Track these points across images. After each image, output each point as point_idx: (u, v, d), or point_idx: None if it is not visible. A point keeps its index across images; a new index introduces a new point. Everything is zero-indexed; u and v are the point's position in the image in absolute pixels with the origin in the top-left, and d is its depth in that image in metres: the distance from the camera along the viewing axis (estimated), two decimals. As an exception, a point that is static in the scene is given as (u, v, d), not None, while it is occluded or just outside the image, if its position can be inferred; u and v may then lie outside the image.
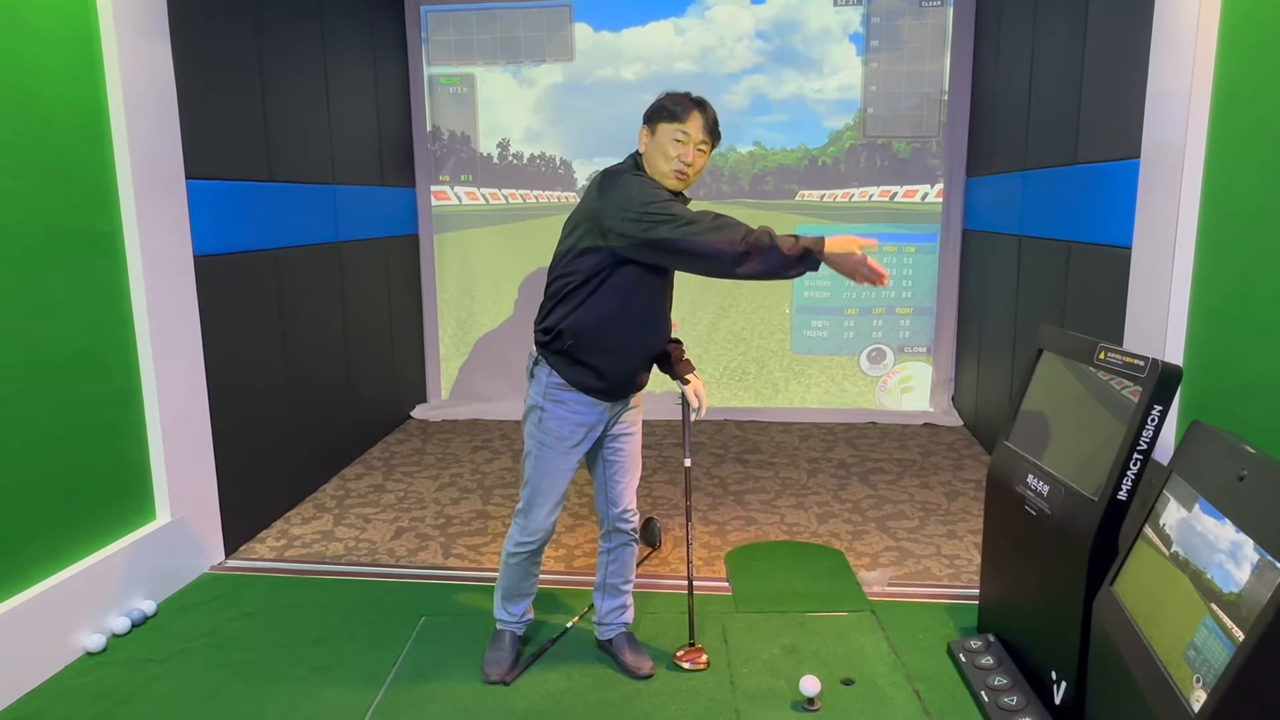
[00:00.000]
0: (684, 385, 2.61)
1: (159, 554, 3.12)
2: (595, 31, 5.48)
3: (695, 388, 2.60)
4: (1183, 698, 1.65)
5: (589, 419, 2.47)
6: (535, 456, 2.50)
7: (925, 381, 5.69)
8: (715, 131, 2.42)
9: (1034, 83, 4.18)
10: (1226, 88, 2.50)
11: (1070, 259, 3.61)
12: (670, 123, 2.36)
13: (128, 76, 2.94)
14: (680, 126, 2.35)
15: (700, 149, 2.38)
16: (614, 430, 2.56)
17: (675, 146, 2.35)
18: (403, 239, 5.51)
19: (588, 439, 2.50)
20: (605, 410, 2.49)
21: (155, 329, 3.08)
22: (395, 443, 5.14)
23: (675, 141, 2.35)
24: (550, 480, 2.50)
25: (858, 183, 5.55)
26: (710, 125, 2.40)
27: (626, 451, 2.58)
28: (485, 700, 2.51)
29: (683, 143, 2.35)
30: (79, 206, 2.81)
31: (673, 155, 2.35)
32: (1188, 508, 1.90)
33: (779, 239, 2.18)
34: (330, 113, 4.46)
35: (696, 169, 2.39)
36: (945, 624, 2.93)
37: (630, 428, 2.58)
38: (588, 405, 2.46)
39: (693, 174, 2.40)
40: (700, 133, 2.37)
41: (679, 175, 2.37)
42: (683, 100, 2.39)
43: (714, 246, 2.16)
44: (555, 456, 2.48)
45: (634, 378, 2.48)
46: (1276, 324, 2.22)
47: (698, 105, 2.39)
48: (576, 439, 2.48)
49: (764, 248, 2.15)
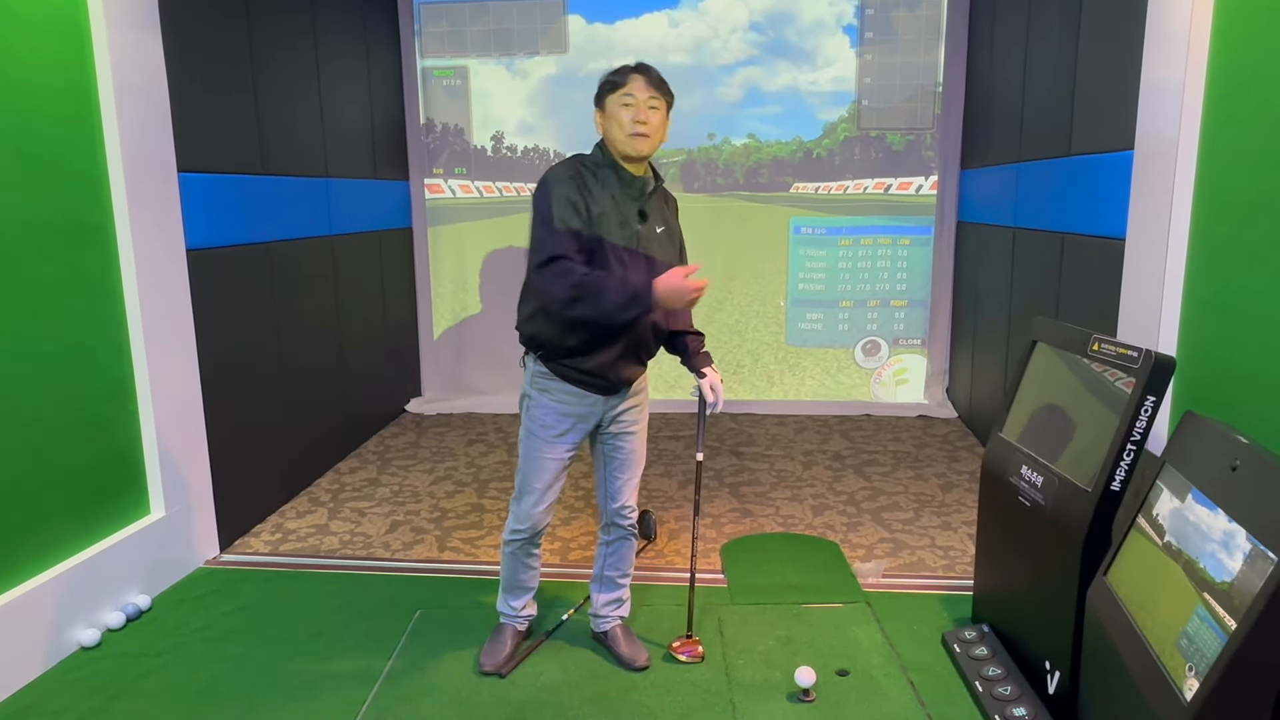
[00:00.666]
0: (700, 379, 2.59)
1: (153, 548, 3.11)
2: (589, 23, 5.47)
3: (711, 382, 2.57)
4: (1175, 687, 1.66)
5: (577, 410, 2.47)
6: (524, 444, 2.52)
7: (920, 374, 5.70)
8: (663, 87, 2.36)
9: (1028, 75, 4.18)
10: (1220, 80, 2.51)
11: (1064, 251, 3.61)
12: (614, 93, 2.34)
13: (118, 69, 2.92)
14: (624, 91, 2.32)
15: (652, 105, 2.32)
16: (613, 428, 2.54)
17: (625, 111, 2.31)
18: (396, 232, 5.49)
19: (576, 430, 2.49)
20: (598, 403, 2.48)
21: (148, 323, 3.07)
22: (390, 436, 5.14)
23: (624, 107, 2.31)
24: (536, 468, 2.51)
25: (852, 175, 5.55)
26: (655, 81, 2.34)
27: (627, 450, 2.57)
28: (481, 693, 2.51)
29: (630, 104, 2.31)
30: (69, 200, 2.80)
31: (625, 120, 2.31)
32: (1181, 498, 1.91)
33: (609, 286, 2.22)
34: (323, 105, 4.44)
35: (654, 126, 2.33)
36: (940, 615, 2.94)
37: (631, 426, 2.56)
38: (575, 396, 2.45)
39: (652, 132, 2.33)
40: (645, 90, 2.31)
41: (637, 136, 2.31)
42: (621, 70, 2.36)
43: (548, 289, 2.26)
44: (540, 445, 2.49)
45: (616, 371, 2.43)
46: (1269, 315, 2.23)
47: (636, 69, 2.35)
48: (563, 429, 2.47)
49: (592, 293, 2.21)
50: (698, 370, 2.59)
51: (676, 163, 5.64)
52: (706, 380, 2.57)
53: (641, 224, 2.39)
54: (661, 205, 2.50)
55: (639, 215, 2.39)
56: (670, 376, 5.43)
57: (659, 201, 2.49)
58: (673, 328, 2.57)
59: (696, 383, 2.60)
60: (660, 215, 2.47)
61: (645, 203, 2.41)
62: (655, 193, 2.45)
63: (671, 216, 2.55)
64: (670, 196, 2.61)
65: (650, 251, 2.40)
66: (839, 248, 5.61)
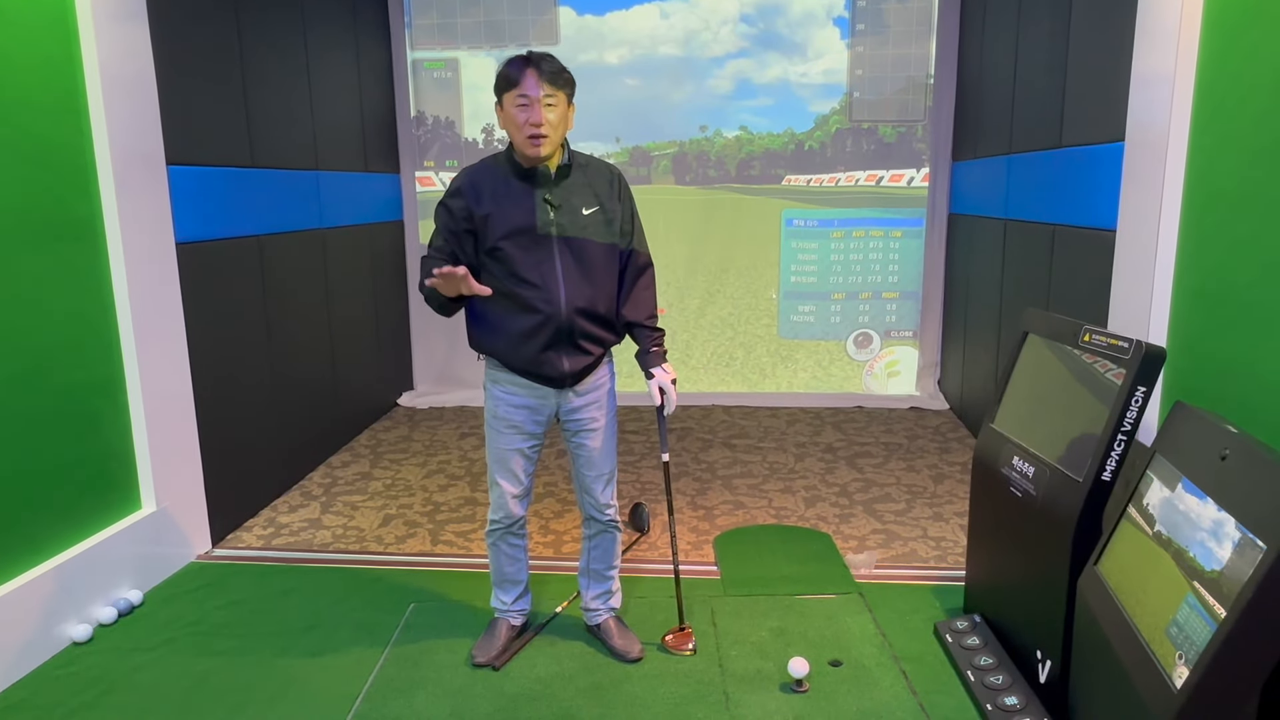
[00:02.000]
0: (648, 380, 2.54)
1: (145, 543, 3.10)
2: (579, 15, 5.45)
3: (660, 382, 2.52)
4: (1165, 675, 1.67)
5: (527, 401, 2.47)
6: (486, 434, 2.55)
7: (911, 365, 5.72)
8: (559, 79, 2.28)
9: (1019, 66, 4.19)
10: (1210, 71, 2.51)
11: (1055, 242, 3.62)
12: (509, 90, 2.28)
13: (105, 61, 2.89)
14: (518, 91, 2.26)
15: (549, 103, 2.26)
16: (572, 425, 2.52)
17: (521, 113, 2.26)
18: (387, 225, 5.47)
19: (530, 421, 2.49)
20: (549, 394, 2.47)
21: (137, 316, 3.05)
22: (382, 430, 5.13)
23: (519, 108, 2.26)
24: (497, 458, 2.52)
25: (844, 167, 5.55)
26: (549, 75, 2.26)
27: (590, 447, 2.54)
28: (475, 685, 2.51)
29: (526, 105, 2.25)
30: (57, 192, 2.78)
31: (521, 122, 2.27)
32: (1171, 487, 1.92)
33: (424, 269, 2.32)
34: (312, 97, 4.41)
35: (553, 124, 2.27)
36: (931, 605, 2.95)
37: (591, 424, 2.52)
38: (524, 386, 2.45)
39: (550, 131, 2.27)
40: (539, 88, 2.24)
41: (533, 140, 2.27)
42: (515, 62, 2.29)
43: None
44: (496, 435, 2.51)
45: (551, 364, 2.40)
46: (1258, 305, 2.24)
47: (528, 62, 2.27)
48: (515, 420, 2.48)
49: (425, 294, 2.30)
50: (647, 370, 2.54)
51: (669, 155, 5.63)
52: (654, 381, 2.53)
53: (554, 213, 2.35)
54: (586, 186, 2.42)
55: (548, 206, 2.35)
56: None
57: (580, 184, 2.41)
58: (627, 317, 2.50)
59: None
60: (585, 198, 2.40)
61: (552, 190, 2.36)
62: (567, 178, 2.39)
63: (608, 194, 2.44)
64: (608, 171, 2.49)
65: (583, 235, 2.37)
66: (831, 240, 5.61)
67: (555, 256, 2.36)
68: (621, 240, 2.46)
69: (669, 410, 2.56)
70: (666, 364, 2.55)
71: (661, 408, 2.57)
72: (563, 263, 2.36)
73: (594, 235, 2.40)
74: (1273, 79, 2.20)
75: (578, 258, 2.38)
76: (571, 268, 2.37)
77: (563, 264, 2.36)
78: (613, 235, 2.44)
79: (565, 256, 2.36)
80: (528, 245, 2.34)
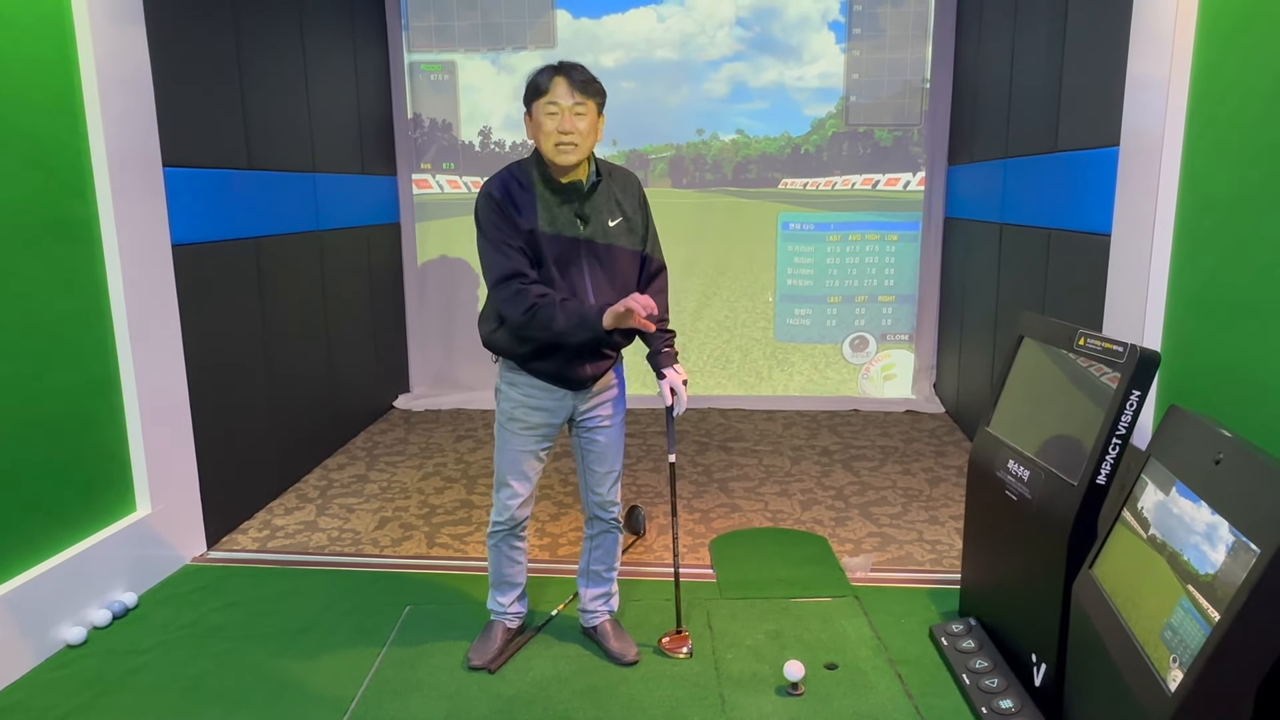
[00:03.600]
0: (660, 380, 2.55)
1: (140, 545, 3.09)
2: (575, 18, 5.45)
3: (672, 383, 2.53)
4: (1160, 678, 1.68)
5: (545, 403, 2.47)
6: (497, 436, 2.54)
7: (907, 369, 5.73)
8: (589, 88, 2.28)
9: (1015, 71, 4.20)
10: (1204, 75, 2.52)
11: (1050, 246, 3.63)
12: (539, 99, 2.28)
13: (102, 62, 2.89)
14: (548, 99, 2.26)
15: (578, 112, 2.27)
16: (587, 421, 2.54)
17: (550, 120, 2.26)
18: (384, 227, 5.46)
19: (546, 423, 2.49)
20: (567, 397, 2.47)
21: (133, 318, 3.05)
22: (378, 432, 5.12)
23: (549, 116, 2.26)
24: (508, 460, 2.52)
25: (840, 171, 5.56)
26: (580, 84, 2.27)
27: (602, 443, 2.56)
28: (471, 688, 2.51)
29: (555, 114, 2.26)
30: (54, 194, 2.77)
31: (551, 130, 2.27)
32: (1165, 491, 1.92)
33: (562, 313, 2.26)
34: (310, 99, 4.41)
35: (582, 133, 2.27)
36: (927, 608, 2.95)
37: (605, 420, 2.55)
38: (542, 390, 2.45)
39: (580, 139, 2.28)
40: (569, 96, 2.25)
41: (562, 148, 2.28)
42: (545, 71, 2.29)
43: (504, 310, 2.32)
44: (510, 437, 2.50)
45: (575, 370, 2.41)
46: (1252, 309, 2.25)
47: (560, 70, 2.28)
48: (532, 421, 2.48)
49: (545, 319, 2.26)
50: (658, 370, 2.55)
51: (665, 158, 5.64)
52: (666, 381, 2.54)
53: (585, 227, 2.37)
54: (610, 197, 2.43)
55: (578, 220, 2.36)
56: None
57: (606, 196, 2.42)
58: None
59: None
60: (610, 209, 2.41)
61: (583, 205, 2.37)
62: (596, 191, 2.40)
63: (631, 203, 2.47)
64: (629, 179, 2.51)
65: (611, 246, 2.39)
66: (827, 243, 5.62)
67: (584, 268, 2.38)
68: (643, 247, 2.49)
69: (679, 411, 2.57)
70: (678, 365, 2.57)
71: (671, 408, 2.58)
72: (591, 274, 2.38)
73: (620, 244, 2.42)
74: (1267, 84, 2.21)
75: (606, 268, 2.40)
76: (600, 278, 2.40)
77: (591, 275, 2.38)
78: (636, 243, 2.47)
79: (594, 268, 2.38)
80: (558, 258, 2.34)
